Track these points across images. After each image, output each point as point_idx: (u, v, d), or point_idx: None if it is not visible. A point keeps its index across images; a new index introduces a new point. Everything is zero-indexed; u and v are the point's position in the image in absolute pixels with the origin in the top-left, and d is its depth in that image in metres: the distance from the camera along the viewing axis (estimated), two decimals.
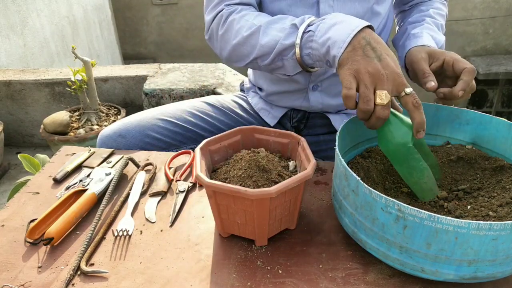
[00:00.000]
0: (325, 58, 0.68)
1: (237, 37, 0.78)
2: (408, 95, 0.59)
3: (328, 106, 0.96)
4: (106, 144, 0.93)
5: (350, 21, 0.65)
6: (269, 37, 0.74)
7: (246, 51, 0.79)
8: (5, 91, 2.15)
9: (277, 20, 0.75)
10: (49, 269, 0.60)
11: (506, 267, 0.51)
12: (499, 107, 4.29)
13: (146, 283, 0.57)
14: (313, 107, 0.96)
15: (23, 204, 0.73)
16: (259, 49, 0.76)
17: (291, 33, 0.71)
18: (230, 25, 0.80)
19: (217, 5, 0.83)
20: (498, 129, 0.68)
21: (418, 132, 0.59)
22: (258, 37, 0.75)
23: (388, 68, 0.60)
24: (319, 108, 0.96)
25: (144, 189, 0.76)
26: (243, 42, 0.78)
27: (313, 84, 0.92)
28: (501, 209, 0.59)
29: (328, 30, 0.66)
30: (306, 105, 0.96)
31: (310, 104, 0.95)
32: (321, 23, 0.67)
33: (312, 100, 0.94)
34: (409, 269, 0.53)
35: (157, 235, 0.66)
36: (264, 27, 0.75)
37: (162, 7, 4.32)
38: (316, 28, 0.68)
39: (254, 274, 0.58)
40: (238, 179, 0.61)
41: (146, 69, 2.21)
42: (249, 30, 0.76)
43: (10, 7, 2.40)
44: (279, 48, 0.73)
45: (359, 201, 0.55)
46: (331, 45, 0.65)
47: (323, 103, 0.95)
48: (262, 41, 0.75)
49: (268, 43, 0.74)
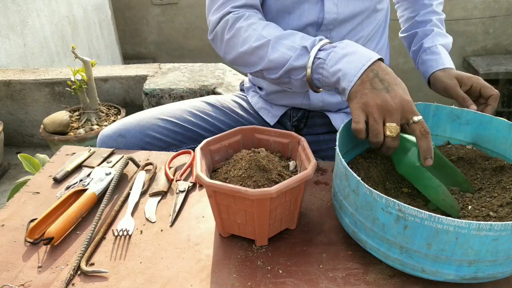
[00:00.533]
0: (334, 86, 0.69)
1: (244, 46, 0.78)
2: (416, 123, 0.60)
3: (329, 104, 0.96)
4: (106, 144, 0.93)
5: (361, 53, 0.65)
6: (278, 54, 0.74)
7: (252, 61, 0.79)
8: (5, 91, 2.14)
9: (287, 36, 0.75)
10: (49, 269, 0.60)
11: (507, 268, 0.51)
12: (499, 107, 4.29)
13: (146, 283, 0.57)
14: (313, 105, 0.96)
15: (23, 204, 0.73)
16: (267, 63, 0.76)
17: (301, 55, 0.71)
18: (237, 32, 0.80)
19: (222, 7, 0.83)
20: (498, 129, 0.68)
21: (426, 159, 0.60)
22: (267, 51, 0.76)
23: (396, 98, 0.61)
24: (319, 106, 0.96)
25: (144, 189, 0.76)
26: (250, 52, 0.78)
27: None
28: (501, 209, 0.59)
29: (339, 61, 0.66)
30: (307, 103, 0.96)
31: (311, 102, 0.95)
32: (332, 52, 0.68)
33: (312, 98, 0.94)
34: (409, 269, 0.53)
35: (157, 235, 0.66)
36: (273, 41, 0.75)
37: (162, 7, 4.32)
38: (327, 57, 0.68)
39: (254, 274, 0.58)
40: (238, 179, 0.61)
41: (146, 69, 2.21)
42: (257, 41, 0.76)
43: (10, 7, 2.40)
44: (289, 67, 0.73)
45: (359, 201, 0.55)
46: (342, 77, 0.65)
47: (324, 101, 0.95)
48: (271, 56, 0.75)
49: (276, 59, 0.75)
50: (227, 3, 0.82)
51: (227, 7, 0.82)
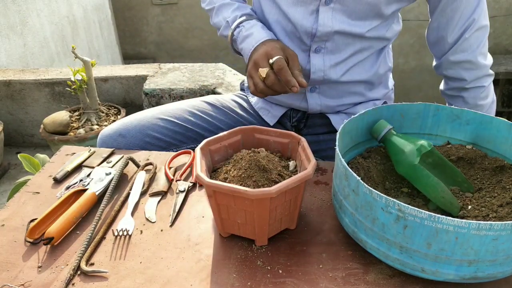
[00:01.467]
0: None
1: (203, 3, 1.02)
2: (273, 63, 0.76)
3: (327, 107, 0.96)
4: (106, 144, 0.93)
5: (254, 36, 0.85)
6: (216, 20, 0.96)
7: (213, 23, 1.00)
8: (5, 91, 2.14)
9: (225, 6, 0.94)
10: (49, 269, 0.60)
11: (507, 267, 0.51)
12: (499, 107, 4.29)
13: (146, 283, 0.57)
14: (311, 108, 0.96)
15: (23, 204, 0.73)
16: (213, 25, 0.99)
17: (226, 28, 0.93)
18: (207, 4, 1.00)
19: None
20: (498, 129, 0.68)
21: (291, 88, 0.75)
22: (212, 15, 0.98)
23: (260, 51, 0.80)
24: (317, 109, 0.96)
25: (144, 189, 0.76)
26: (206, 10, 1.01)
27: (311, 86, 0.92)
28: (501, 209, 0.59)
29: (242, 41, 0.87)
30: (305, 106, 0.96)
31: (309, 106, 0.95)
32: (241, 32, 0.88)
33: (310, 102, 0.94)
34: (409, 269, 0.53)
35: (157, 235, 0.66)
36: (216, 8, 0.96)
37: (162, 7, 4.31)
38: (238, 35, 0.89)
39: (254, 274, 0.58)
40: (238, 179, 0.61)
41: (146, 69, 2.21)
42: (209, 5, 0.99)
43: (10, 7, 2.40)
44: (220, 33, 0.97)
45: (359, 201, 0.55)
46: (244, 54, 0.88)
47: (322, 105, 0.95)
48: (214, 20, 0.98)
49: (215, 24, 0.98)
50: None
51: None
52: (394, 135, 0.67)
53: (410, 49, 4.28)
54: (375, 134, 0.68)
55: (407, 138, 0.65)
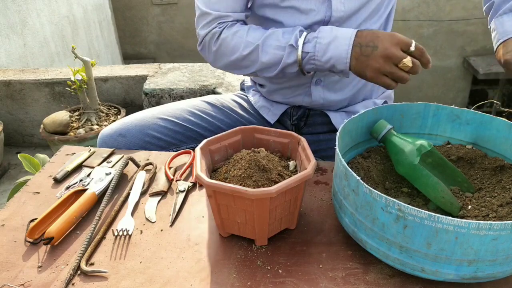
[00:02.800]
0: (330, 70, 0.80)
1: (234, 54, 0.86)
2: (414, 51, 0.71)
3: (329, 101, 0.96)
4: (107, 144, 0.93)
5: (341, 36, 0.76)
6: (269, 56, 0.83)
7: (245, 65, 0.87)
8: (5, 91, 2.14)
9: (270, 36, 0.83)
10: (49, 269, 0.60)
11: (506, 267, 0.51)
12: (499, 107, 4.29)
13: (146, 282, 0.57)
14: (314, 102, 0.96)
15: (23, 204, 0.73)
16: (260, 65, 0.85)
17: (291, 53, 0.80)
18: (223, 42, 0.86)
19: (210, 23, 0.88)
20: (498, 129, 0.68)
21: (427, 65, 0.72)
22: (258, 55, 0.84)
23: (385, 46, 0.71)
24: (320, 103, 0.96)
25: (144, 188, 0.76)
26: (242, 58, 0.86)
27: (316, 78, 0.92)
28: (501, 209, 0.59)
29: (327, 51, 0.77)
30: (308, 101, 0.96)
31: (312, 99, 0.95)
32: (317, 44, 0.77)
33: (314, 95, 0.95)
34: (409, 269, 0.53)
35: (157, 235, 0.66)
36: (261, 45, 0.83)
37: (162, 7, 4.31)
38: (314, 49, 0.78)
39: (254, 274, 0.58)
40: (238, 179, 0.61)
41: (146, 69, 2.21)
42: (246, 49, 0.84)
43: (10, 7, 2.40)
44: (283, 65, 0.82)
45: (359, 201, 0.55)
46: (335, 62, 0.77)
47: (325, 98, 0.95)
48: (263, 59, 0.83)
49: (269, 60, 0.83)
50: (215, 21, 0.87)
51: (215, 24, 0.87)
52: (394, 135, 0.67)
53: None
54: (375, 134, 0.69)
55: (407, 138, 0.65)
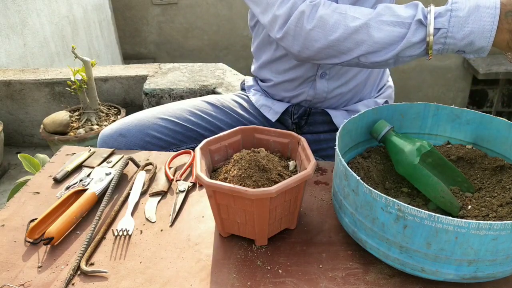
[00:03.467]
0: (462, 49, 0.68)
1: (335, 33, 0.72)
2: None
3: (332, 96, 0.96)
4: (107, 144, 0.93)
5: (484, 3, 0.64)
6: (384, 33, 0.70)
7: (346, 48, 0.73)
8: (5, 91, 2.14)
9: (384, 11, 0.71)
10: (49, 269, 0.60)
11: (506, 267, 0.51)
12: (499, 107, 4.29)
13: (146, 282, 0.57)
14: (318, 95, 0.96)
15: (23, 204, 0.73)
16: (371, 46, 0.71)
17: (417, 29, 0.68)
18: (320, 21, 0.73)
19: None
20: (498, 129, 0.68)
21: None
22: (368, 32, 0.70)
23: None
24: (323, 97, 0.96)
25: (144, 189, 0.76)
26: (345, 37, 0.72)
27: (322, 71, 0.93)
28: (501, 209, 0.59)
29: (465, 24, 0.65)
30: (312, 94, 0.96)
31: (316, 92, 0.95)
32: (452, 17, 0.66)
33: (318, 88, 0.95)
34: (409, 269, 0.53)
35: (157, 235, 0.66)
36: (372, 22, 0.70)
37: (162, 7, 4.31)
38: (447, 24, 0.66)
39: (254, 274, 0.58)
40: (238, 179, 0.61)
41: (146, 69, 2.21)
42: (352, 24, 0.71)
43: (10, 7, 2.40)
44: (406, 45, 0.69)
45: (359, 201, 0.55)
46: (475, 39, 0.65)
47: (328, 92, 0.96)
48: (375, 37, 0.70)
49: (384, 39, 0.70)
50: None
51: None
52: (394, 135, 0.67)
53: None
54: (375, 134, 0.69)
55: (407, 138, 0.65)
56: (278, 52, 0.95)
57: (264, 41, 0.98)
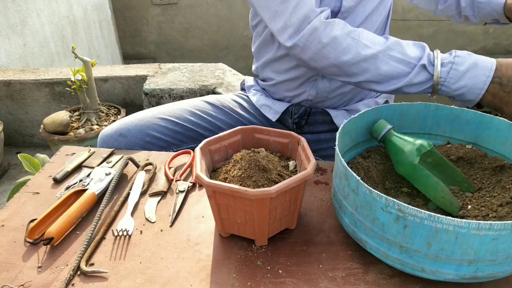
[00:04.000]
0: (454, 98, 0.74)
1: (345, 56, 0.75)
2: None
3: (333, 95, 0.96)
4: (107, 144, 0.93)
5: (481, 65, 0.70)
6: (389, 67, 0.74)
7: (352, 72, 0.77)
8: (5, 91, 2.14)
9: (393, 46, 0.74)
10: (49, 269, 0.60)
11: (506, 267, 0.51)
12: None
13: (146, 283, 0.57)
14: (319, 94, 0.96)
15: (23, 204, 0.73)
16: (376, 76, 0.75)
17: (420, 73, 0.73)
18: (334, 41, 0.75)
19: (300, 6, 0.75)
20: (498, 129, 0.68)
21: None
22: (376, 64, 0.74)
23: None
24: (324, 96, 0.96)
25: (144, 189, 0.76)
26: (353, 63, 0.75)
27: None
28: (501, 209, 0.59)
29: (462, 78, 0.70)
30: (313, 93, 0.96)
31: (317, 91, 0.96)
32: (452, 70, 0.71)
33: (319, 87, 0.95)
34: (409, 269, 0.53)
35: (157, 235, 0.66)
36: (381, 54, 0.74)
37: (162, 7, 4.31)
38: (446, 75, 0.71)
39: (254, 274, 0.58)
40: (238, 179, 0.61)
41: (146, 69, 2.21)
42: (362, 53, 0.74)
43: (10, 7, 2.40)
44: (407, 83, 0.74)
45: (359, 201, 0.55)
46: (466, 92, 0.71)
47: (329, 91, 0.96)
48: (381, 69, 0.74)
49: (387, 72, 0.74)
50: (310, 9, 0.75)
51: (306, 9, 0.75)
52: (394, 135, 0.67)
53: None
54: (375, 134, 0.68)
55: (407, 138, 0.65)
56: (280, 51, 0.95)
57: (266, 41, 0.98)
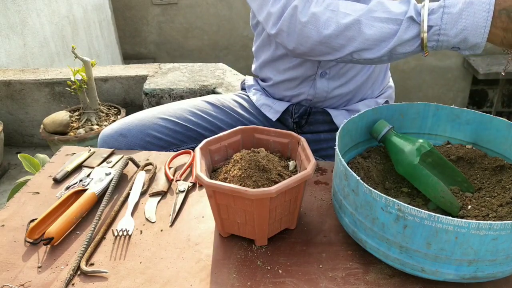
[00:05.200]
0: (455, 45, 0.66)
1: (327, 29, 0.72)
2: None
3: (332, 96, 0.96)
4: (107, 144, 0.93)
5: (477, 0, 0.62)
6: (375, 30, 0.69)
7: (338, 45, 0.73)
8: (5, 91, 2.14)
9: (373, 8, 0.69)
10: (49, 269, 0.60)
11: (506, 267, 0.51)
12: (499, 107, 4.29)
13: (146, 283, 0.57)
14: (318, 94, 0.96)
15: (23, 204, 0.73)
16: (363, 42, 0.71)
17: (409, 27, 0.67)
18: (313, 17, 0.72)
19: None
20: (498, 129, 0.68)
21: None
22: (360, 29, 0.70)
23: None
24: (323, 96, 0.96)
25: (144, 189, 0.76)
26: (336, 34, 0.71)
27: (322, 70, 0.93)
28: (501, 209, 0.59)
29: (458, 21, 0.63)
30: (312, 93, 0.96)
31: (316, 91, 0.95)
32: (445, 14, 0.64)
33: (318, 87, 0.95)
34: (409, 269, 0.53)
35: (157, 235, 0.66)
36: (364, 18, 0.69)
37: (162, 7, 4.31)
38: (440, 22, 0.64)
39: (254, 274, 0.58)
40: (238, 179, 0.61)
41: (146, 69, 2.21)
42: (343, 21, 0.70)
43: (10, 7, 2.40)
44: (398, 42, 0.68)
45: (359, 201, 0.55)
46: (468, 35, 0.63)
47: (328, 91, 0.96)
48: (367, 34, 0.69)
49: (375, 35, 0.69)
50: None
51: None
52: (394, 135, 0.67)
53: None
54: (375, 134, 0.69)
55: (407, 138, 0.65)
56: (278, 51, 0.95)
57: (265, 40, 0.98)
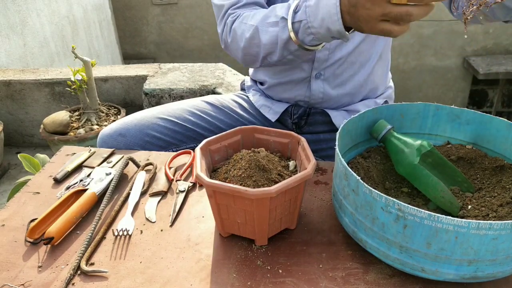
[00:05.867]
0: (330, 35, 0.69)
1: (242, 42, 0.80)
2: None
3: (329, 97, 0.96)
4: (107, 143, 0.93)
5: None
6: (268, 35, 0.75)
7: (254, 52, 0.81)
8: (5, 91, 2.14)
9: (269, 14, 0.76)
10: (49, 269, 0.60)
11: (506, 267, 0.51)
12: (499, 107, 4.29)
13: (146, 282, 0.57)
14: (314, 96, 0.96)
15: (23, 204, 0.73)
16: (264, 48, 0.78)
17: (285, 26, 0.72)
18: (234, 32, 0.82)
19: (224, 17, 0.85)
20: (498, 129, 0.68)
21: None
22: (259, 37, 0.77)
23: None
24: (319, 97, 0.96)
25: (144, 189, 0.76)
26: (248, 45, 0.80)
27: (316, 71, 0.93)
28: (501, 208, 0.59)
29: (317, 12, 0.67)
30: (308, 95, 0.96)
31: (311, 93, 0.96)
32: (307, 8, 0.68)
33: (313, 89, 0.95)
34: (409, 269, 0.53)
35: (157, 235, 0.66)
36: (260, 25, 0.76)
37: (162, 7, 4.31)
38: (305, 15, 0.69)
39: (254, 274, 0.58)
40: (238, 179, 0.61)
41: (146, 69, 2.21)
42: (248, 32, 0.78)
43: (10, 7, 2.40)
44: (281, 43, 0.74)
45: (359, 201, 0.55)
46: (329, 24, 0.66)
47: (324, 93, 0.96)
48: (264, 40, 0.77)
49: (269, 40, 0.76)
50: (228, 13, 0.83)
51: (227, 17, 0.83)
52: (394, 135, 0.67)
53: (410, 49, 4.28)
54: (375, 134, 0.69)
55: (407, 138, 0.65)
56: None
57: None
